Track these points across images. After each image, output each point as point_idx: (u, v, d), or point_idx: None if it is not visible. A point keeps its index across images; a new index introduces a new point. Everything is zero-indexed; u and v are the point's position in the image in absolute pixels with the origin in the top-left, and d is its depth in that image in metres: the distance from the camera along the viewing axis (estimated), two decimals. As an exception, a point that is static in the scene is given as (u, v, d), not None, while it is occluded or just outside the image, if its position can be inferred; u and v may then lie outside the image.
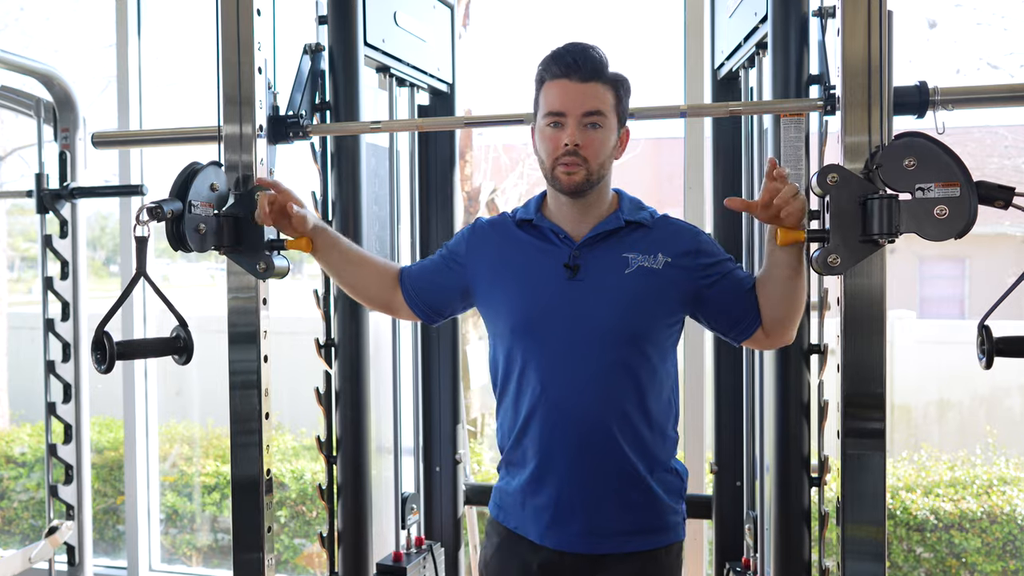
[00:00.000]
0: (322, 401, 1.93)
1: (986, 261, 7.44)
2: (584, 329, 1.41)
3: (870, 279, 1.34)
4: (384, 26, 2.01)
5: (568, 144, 1.38)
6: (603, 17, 6.67)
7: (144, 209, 1.32)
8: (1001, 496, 3.54)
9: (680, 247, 1.46)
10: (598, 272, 1.43)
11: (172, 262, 6.67)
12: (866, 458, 1.35)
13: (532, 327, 1.43)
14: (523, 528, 1.48)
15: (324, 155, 1.91)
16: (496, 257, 1.51)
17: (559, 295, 1.42)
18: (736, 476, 2.18)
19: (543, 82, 1.43)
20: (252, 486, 1.59)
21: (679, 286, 1.45)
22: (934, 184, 1.24)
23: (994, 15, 4.22)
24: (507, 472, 1.52)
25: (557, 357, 1.41)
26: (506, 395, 1.50)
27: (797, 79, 1.70)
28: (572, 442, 1.41)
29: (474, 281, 1.53)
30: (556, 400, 1.41)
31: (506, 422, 1.51)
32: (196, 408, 4.70)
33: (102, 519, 4.30)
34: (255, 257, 1.51)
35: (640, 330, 1.42)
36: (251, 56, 1.56)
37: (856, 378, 1.35)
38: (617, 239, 1.45)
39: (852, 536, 1.36)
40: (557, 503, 1.43)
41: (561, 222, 1.47)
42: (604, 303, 1.41)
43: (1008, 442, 4.43)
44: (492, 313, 1.51)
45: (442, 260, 1.59)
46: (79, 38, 4.50)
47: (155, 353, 1.36)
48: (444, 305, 1.59)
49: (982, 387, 5.10)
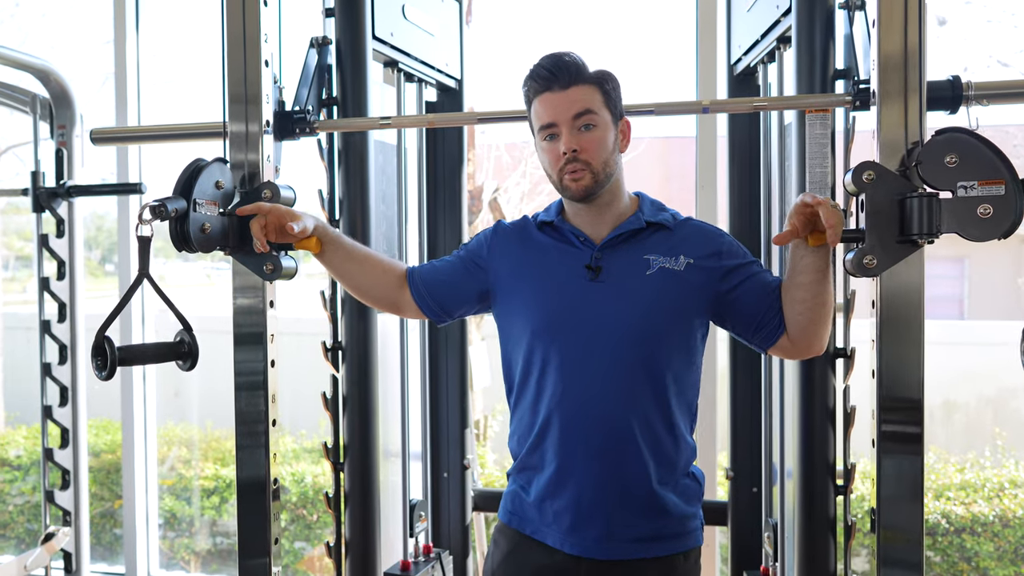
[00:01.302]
0: (329, 406, 1.87)
1: (985, 261, 7.42)
2: (605, 330, 1.38)
3: (908, 280, 1.28)
4: (392, 19, 1.95)
5: (566, 152, 1.38)
6: (610, 13, 6.61)
7: (147, 207, 1.26)
8: (1014, 500, 3.50)
9: (703, 249, 1.44)
10: (619, 273, 1.41)
11: (167, 261, 6.60)
12: (903, 464, 1.30)
13: (553, 329, 1.41)
14: (540, 533, 1.45)
15: (331, 152, 1.85)
16: (518, 260, 1.49)
17: (580, 297, 1.40)
18: (753, 482, 2.12)
19: (531, 102, 1.43)
20: (258, 492, 1.53)
21: (701, 288, 1.42)
22: (976, 182, 1.19)
23: (1004, 12, 4.17)
24: (523, 476, 1.49)
25: (577, 359, 1.39)
26: (523, 398, 1.47)
27: (823, 74, 1.64)
28: (592, 444, 1.38)
29: (495, 284, 1.51)
30: (576, 402, 1.39)
31: (522, 425, 1.48)
32: (195, 410, 4.64)
33: (99, 523, 4.24)
34: (261, 258, 1.45)
35: (661, 331, 1.40)
36: (257, 49, 1.50)
37: (893, 383, 1.30)
38: (638, 240, 1.43)
39: (888, 544, 1.31)
40: (578, 506, 1.40)
41: (581, 226, 1.46)
42: (625, 304, 1.39)
43: (1017, 443, 4.39)
44: (511, 315, 1.48)
45: (460, 261, 1.56)
46: (76, 34, 4.44)
47: (158, 359, 1.30)
48: (457, 306, 1.56)
49: (988, 388, 5.07)
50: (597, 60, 1.46)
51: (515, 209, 4.91)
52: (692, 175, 2.63)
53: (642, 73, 6.80)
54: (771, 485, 2.06)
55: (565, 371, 1.39)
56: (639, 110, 1.68)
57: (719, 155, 2.52)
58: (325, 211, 1.87)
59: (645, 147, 5.42)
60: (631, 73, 5.81)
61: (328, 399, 1.87)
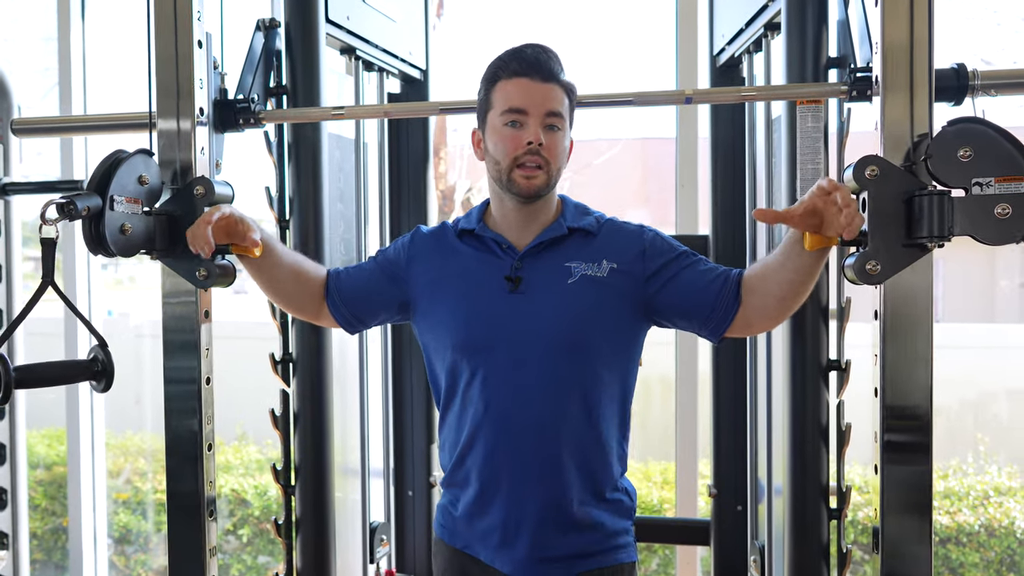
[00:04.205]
0: (278, 424, 1.71)
1: (959, 262, 7.39)
2: (528, 343, 1.32)
3: (914, 287, 1.16)
4: (349, 2, 1.80)
5: (532, 143, 1.30)
6: (585, 4, 6.47)
7: (52, 205, 1.09)
8: (999, 508, 3.41)
9: (626, 252, 1.37)
10: (540, 283, 1.35)
11: (139, 263, 6.37)
12: (910, 480, 1.20)
13: (475, 343, 1.35)
14: (472, 548, 1.40)
15: (280, 145, 1.69)
16: (438, 270, 1.42)
17: (501, 310, 1.34)
18: (738, 500, 2.00)
19: (496, 80, 1.35)
20: (192, 529, 1.37)
21: (627, 293, 1.35)
22: (993, 179, 1.06)
23: (986, 9, 4.10)
24: (451, 492, 1.44)
25: (501, 373, 1.33)
26: (449, 413, 1.41)
27: (815, 63, 1.51)
28: (517, 462, 1.34)
29: (414, 296, 1.43)
30: (500, 418, 1.33)
31: (448, 441, 1.43)
32: (151, 419, 4.43)
33: (50, 539, 4.02)
34: (193, 262, 1.29)
35: (585, 342, 1.33)
36: (189, 26, 1.33)
37: (897, 398, 1.18)
38: (560, 247, 1.37)
39: (891, 562, 1.20)
40: (504, 525, 1.35)
41: (505, 231, 1.39)
42: (547, 315, 1.33)
43: (998, 449, 4.33)
44: (433, 329, 1.41)
45: (378, 268, 1.47)
46: (18, 28, 4.22)
47: (65, 380, 1.13)
48: (372, 316, 1.48)
49: (969, 392, 5.01)
50: (571, 54, 1.36)
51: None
52: (670, 176, 2.50)
53: (618, 67, 6.67)
54: (757, 503, 1.93)
55: (488, 388, 1.34)
56: (618, 100, 1.55)
57: (700, 153, 2.39)
58: (274, 210, 1.72)
59: (621, 148, 5.30)
60: (607, 67, 5.58)
61: (277, 416, 1.71)
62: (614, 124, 4.29)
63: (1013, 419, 4.67)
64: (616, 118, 3.44)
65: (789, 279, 1.24)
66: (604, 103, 1.54)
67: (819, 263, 1.21)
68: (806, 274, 1.22)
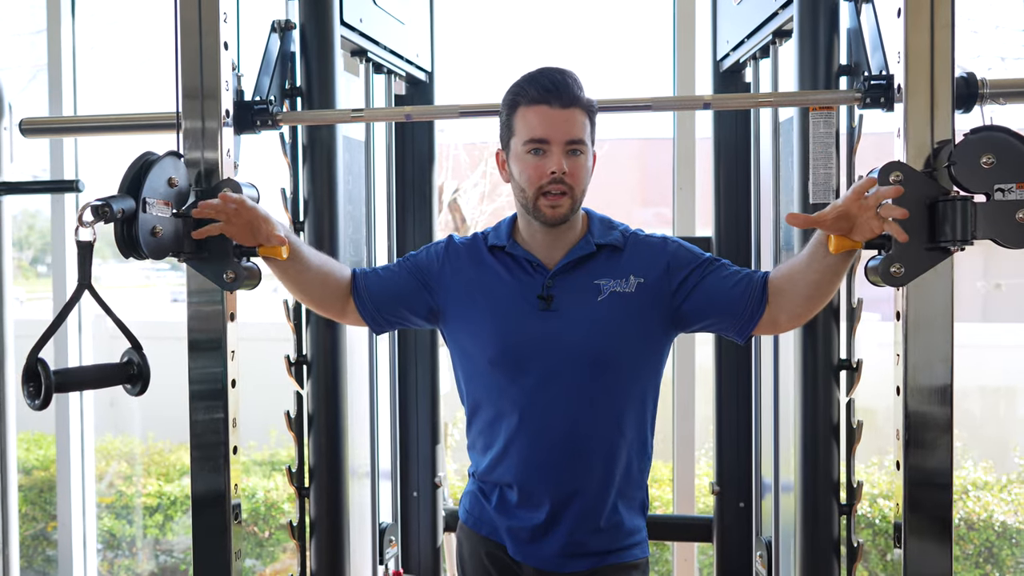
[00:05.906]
0: (293, 426, 1.70)
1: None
2: (560, 360, 1.37)
3: (936, 289, 1.20)
4: (362, 4, 1.80)
5: (556, 172, 1.33)
6: (584, 10, 6.49)
7: (88, 208, 1.08)
8: (977, 502, 3.50)
9: (652, 266, 1.41)
10: (571, 301, 1.39)
11: (103, 262, 6.26)
12: (931, 477, 1.23)
13: (508, 359, 1.39)
14: (498, 535, 1.45)
15: (295, 147, 1.69)
16: (470, 283, 1.44)
17: (534, 327, 1.38)
18: (741, 497, 2.03)
19: (516, 106, 1.37)
20: (218, 529, 1.36)
21: (655, 307, 1.39)
22: (1015, 184, 1.10)
23: (959, 16, 4.19)
24: (485, 485, 1.47)
25: (534, 389, 1.38)
26: (478, 419, 1.46)
27: (827, 69, 1.55)
28: (550, 475, 1.38)
29: (446, 304, 1.46)
30: (533, 431, 1.38)
31: (479, 443, 1.47)
32: (136, 421, 4.37)
33: (31, 545, 3.95)
34: (221, 265, 1.29)
35: (615, 357, 1.38)
36: (216, 28, 1.33)
37: (920, 392, 1.21)
38: (589, 265, 1.41)
39: (915, 558, 1.24)
40: (535, 526, 1.40)
41: (534, 249, 1.42)
42: (578, 333, 1.37)
43: (971, 444, 4.44)
44: (465, 338, 1.44)
45: (408, 274, 1.49)
46: (7, 25, 4.13)
47: (102, 383, 1.12)
48: (400, 318, 1.50)
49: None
50: (572, 54, 1.37)
51: (475, 210, 4.77)
52: (669, 176, 2.53)
53: (618, 68, 6.71)
54: (760, 499, 1.97)
55: (522, 401, 1.38)
56: (635, 104, 1.57)
57: (702, 155, 2.43)
58: (288, 212, 1.71)
59: (612, 147, 5.33)
60: (606, 67, 5.59)
61: (292, 419, 1.71)
62: (614, 124, 4.29)
63: (985, 415, 4.80)
64: (616, 118, 3.45)
65: (815, 280, 1.27)
66: (622, 108, 1.57)
67: (845, 264, 1.24)
68: (832, 274, 1.25)
